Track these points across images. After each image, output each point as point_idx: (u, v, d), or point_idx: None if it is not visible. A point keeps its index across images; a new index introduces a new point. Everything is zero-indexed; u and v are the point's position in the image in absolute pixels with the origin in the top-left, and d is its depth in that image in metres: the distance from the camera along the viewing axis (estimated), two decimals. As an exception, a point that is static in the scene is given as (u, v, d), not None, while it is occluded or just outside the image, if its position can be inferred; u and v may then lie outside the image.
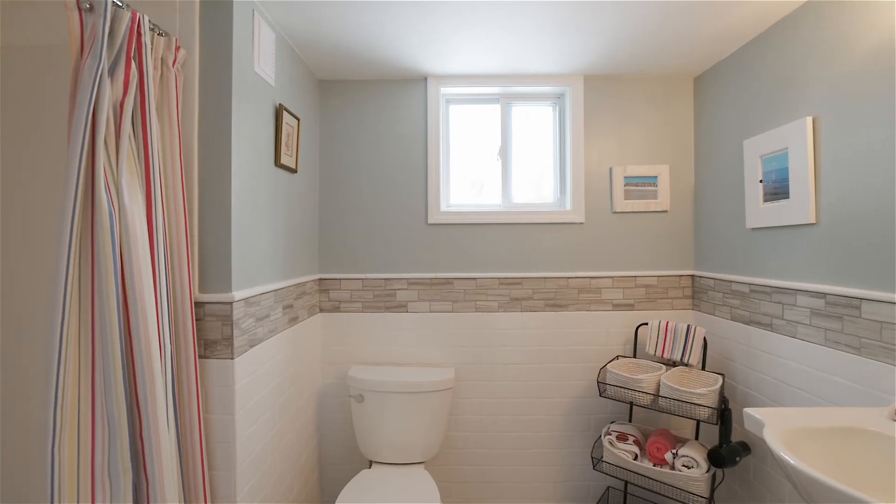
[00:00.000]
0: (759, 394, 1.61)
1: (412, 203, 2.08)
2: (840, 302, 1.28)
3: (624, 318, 2.06)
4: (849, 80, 1.27)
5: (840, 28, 1.30)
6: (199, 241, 1.26)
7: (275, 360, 1.55)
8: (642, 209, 2.07)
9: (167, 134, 1.18)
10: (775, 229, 1.54)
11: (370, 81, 2.08)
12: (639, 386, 1.71)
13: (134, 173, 1.07)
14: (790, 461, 0.91)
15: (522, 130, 2.20)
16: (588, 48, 1.77)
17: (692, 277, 2.07)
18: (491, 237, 2.08)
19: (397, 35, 1.65)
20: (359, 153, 2.09)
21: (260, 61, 1.41)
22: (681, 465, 1.62)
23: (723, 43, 1.72)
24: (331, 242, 2.09)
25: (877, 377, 1.18)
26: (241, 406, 1.29)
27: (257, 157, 1.44)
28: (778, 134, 1.49)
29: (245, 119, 1.35)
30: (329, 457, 2.09)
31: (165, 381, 1.11)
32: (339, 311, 2.08)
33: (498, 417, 2.08)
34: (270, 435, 1.50)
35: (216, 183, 1.27)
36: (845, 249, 1.28)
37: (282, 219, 1.63)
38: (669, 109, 2.08)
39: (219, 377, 1.25)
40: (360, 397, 1.86)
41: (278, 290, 1.58)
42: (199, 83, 1.26)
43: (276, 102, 1.56)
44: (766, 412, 1.10)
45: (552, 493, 2.08)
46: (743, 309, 1.70)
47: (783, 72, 1.51)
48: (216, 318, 1.25)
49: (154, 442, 1.05)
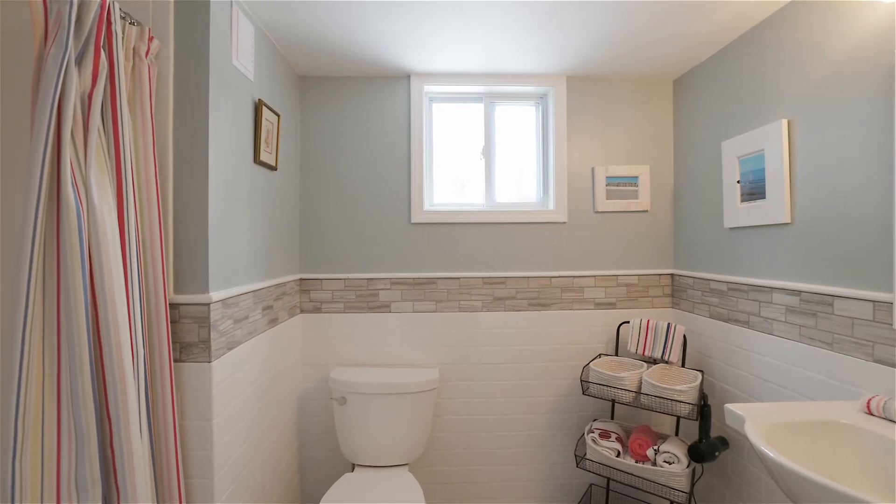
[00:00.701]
0: (736, 389, 1.65)
1: (395, 202, 2.06)
2: (814, 299, 1.32)
3: (606, 316, 2.09)
4: (821, 84, 1.31)
5: (813, 34, 1.34)
6: (175, 241, 1.21)
7: (254, 362, 1.50)
8: (624, 209, 2.09)
9: (140, 128, 1.13)
10: (752, 229, 1.58)
11: (352, 78, 2.05)
12: (621, 384, 1.72)
13: (104, 168, 1.02)
14: (770, 455, 0.93)
15: (506, 130, 2.20)
16: (571, 48, 1.78)
17: (672, 276, 2.11)
18: (474, 237, 2.08)
19: (380, 31, 1.63)
20: (340, 151, 2.05)
21: (239, 55, 1.36)
22: (662, 461, 1.64)
23: (701, 47, 1.76)
24: (312, 242, 2.04)
25: (849, 372, 1.21)
26: (219, 411, 1.25)
27: (236, 153, 1.39)
28: (754, 136, 1.53)
29: (223, 114, 1.30)
30: (310, 461, 2.04)
31: (138, 386, 1.06)
32: (321, 312, 2.03)
33: (482, 417, 2.07)
34: (250, 440, 1.45)
35: (192, 179, 1.22)
36: (819, 248, 1.32)
37: (261, 217, 1.59)
38: (650, 111, 2.11)
39: (195, 382, 1.20)
40: (343, 399, 1.83)
41: (257, 290, 1.53)
42: (175, 76, 1.21)
43: (255, 97, 1.52)
44: (746, 408, 1.12)
45: (536, 492, 2.09)
46: (721, 307, 1.74)
47: (759, 75, 1.55)
48: (192, 320, 1.20)
49: (126, 451, 1.00)
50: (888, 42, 1.12)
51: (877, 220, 1.15)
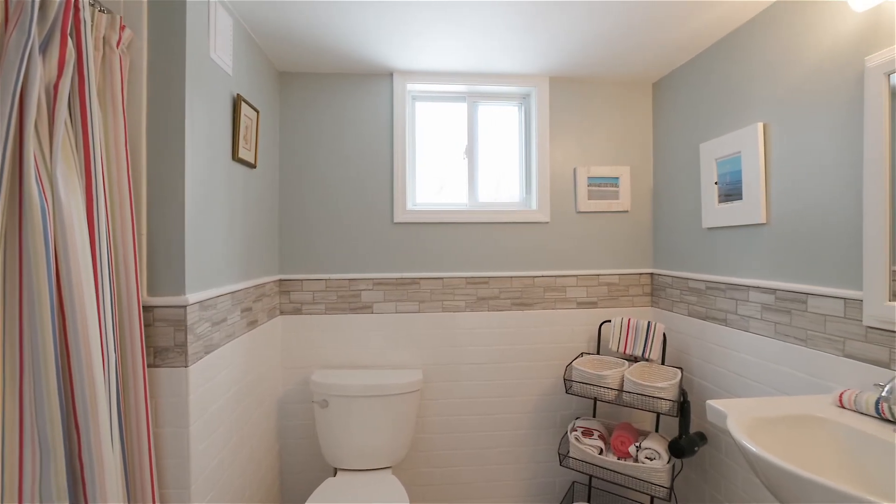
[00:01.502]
0: (714, 385, 1.69)
1: (377, 201, 2.03)
2: (788, 297, 1.37)
3: (587, 315, 2.11)
4: (795, 89, 1.35)
5: (787, 41, 1.38)
6: (149, 240, 1.16)
7: (232, 366, 1.45)
8: (605, 209, 2.12)
9: (111, 121, 1.07)
10: (729, 229, 1.62)
11: (333, 75, 2.01)
12: (604, 382, 1.74)
13: (71, 163, 0.96)
14: (752, 449, 0.95)
15: (489, 130, 2.20)
16: (554, 49, 1.79)
17: (651, 275, 2.15)
18: (457, 236, 2.07)
19: (362, 28, 1.60)
20: (321, 149, 2.01)
21: (216, 48, 1.31)
22: (644, 458, 1.67)
23: (679, 51, 1.79)
24: (292, 242, 1.99)
25: (821, 366, 1.26)
26: (196, 418, 1.20)
27: (213, 149, 1.34)
28: (731, 138, 1.57)
29: (200, 108, 1.25)
30: (292, 466, 1.99)
31: (109, 393, 1.01)
32: (301, 314, 1.99)
33: (466, 418, 2.06)
34: (228, 447, 1.40)
35: (168, 176, 1.17)
36: (793, 248, 1.36)
37: (240, 216, 1.54)
38: (630, 113, 2.15)
39: (171, 387, 1.15)
40: (325, 403, 1.79)
41: (236, 292, 1.48)
42: (148, 67, 1.16)
43: (233, 93, 1.47)
44: (727, 404, 1.15)
45: (520, 491, 2.10)
46: (699, 305, 1.78)
47: (735, 80, 1.59)
48: (168, 324, 1.15)
49: (96, 461, 0.94)
50: (858, 50, 1.16)
51: (847, 221, 1.20)
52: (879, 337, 1.12)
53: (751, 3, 1.44)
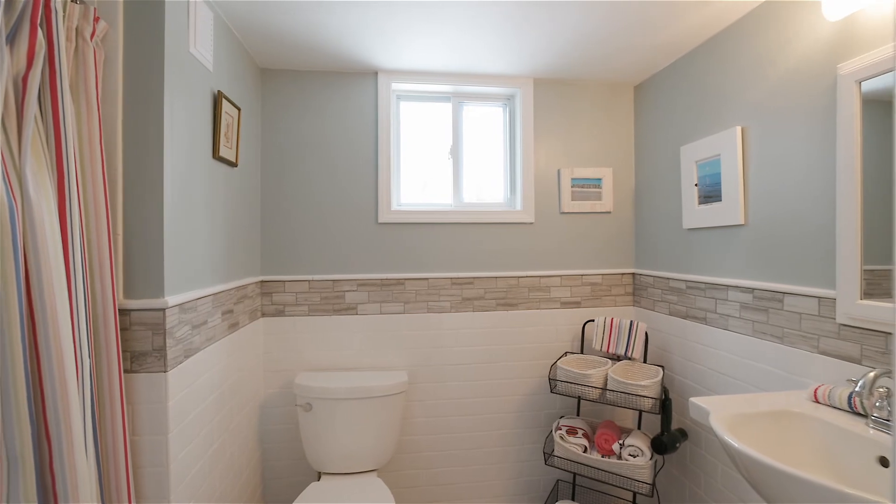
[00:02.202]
0: (695, 383, 1.73)
1: (362, 201, 2.01)
2: (766, 296, 1.41)
3: (571, 315, 2.13)
4: (772, 94, 1.40)
5: (765, 48, 1.42)
6: (125, 241, 1.11)
7: (213, 370, 1.41)
8: (588, 210, 2.15)
9: (84, 117, 1.03)
10: (709, 230, 1.66)
11: (317, 73, 1.98)
12: (588, 381, 1.76)
13: (42, 160, 0.92)
14: (734, 444, 0.98)
15: (474, 130, 2.20)
16: (540, 50, 1.80)
17: (633, 275, 2.18)
18: (442, 237, 2.06)
19: (346, 26, 1.58)
20: (304, 148, 1.97)
21: (196, 42, 1.27)
22: (627, 455, 1.70)
23: (660, 55, 1.83)
24: (274, 242, 1.95)
25: (797, 363, 1.30)
26: (176, 425, 1.16)
27: (193, 147, 1.30)
28: (711, 141, 1.61)
29: (179, 105, 1.21)
30: (274, 471, 1.95)
31: (83, 401, 0.96)
32: (284, 316, 1.95)
33: (451, 419, 2.06)
34: (209, 454, 1.36)
35: (146, 175, 1.13)
36: (770, 248, 1.41)
37: (220, 216, 1.50)
38: (612, 115, 2.18)
39: (149, 393, 1.11)
40: (308, 406, 1.76)
41: (217, 293, 1.44)
42: (124, 61, 1.11)
43: (214, 89, 1.43)
44: (709, 401, 1.17)
45: (505, 491, 2.10)
46: (680, 304, 1.82)
47: (715, 84, 1.64)
48: (145, 327, 1.11)
49: (68, 473, 0.90)
50: (831, 58, 1.21)
51: (821, 223, 1.24)
52: (851, 334, 1.16)
53: (729, 11, 1.48)
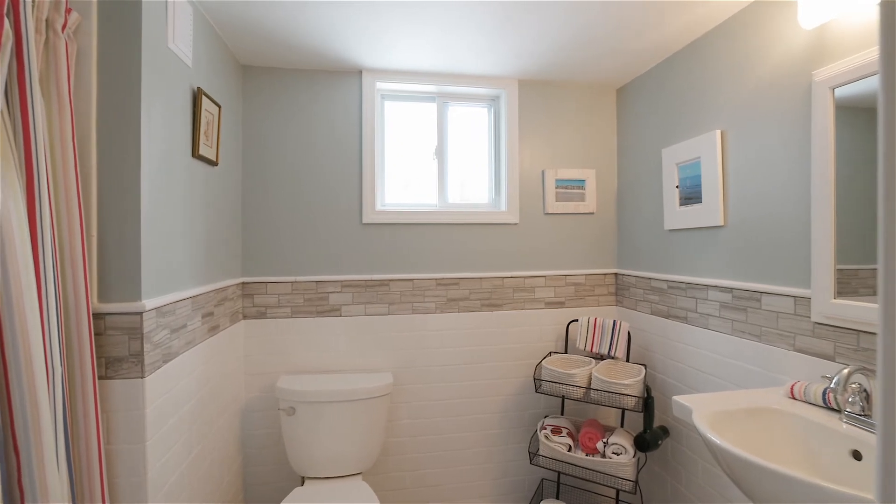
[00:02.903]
0: (676, 381, 1.77)
1: (346, 201, 1.98)
2: (744, 295, 1.45)
3: (555, 315, 2.15)
4: (750, 99, 1.43)
5: (744, 53, 1.46)
6: (99, 242, 1.07)
7: (193, 375, 1.37)
8: (572, 211, 2.17)
9: (55, 112, 0.98)
10: (690, 231, 1.70)
11: (300, 70, 1.94)
12: (573, 380, 1.78)
13: (9, 158, 0.87)
14: (716, 441, 1.00)
15: (459, 131, 2.20)
16: (525, 52, 1.81)
17: (615, 275, 2.22)
18: (427, 237, 2.05)
19: (330, 24, 1.55)
20: (287, 147, 1.94)
21: (175, 37, 1.23)
22: (611, 453, 1.72)
23: (642, 59, 1.86)
24: (255, 243, 1.91)
25: (774, 361, 1.34)
26: (154, 432, 1.12)
27: (172, 145, 1.26)
28: (691, 144, 1.65)
29: (157, 101, 1.17)
30: (256, 477, 1.91)
31: (54, 410, 0.92)
32: (266, 318, 1.91)
33: (436, 420, 2.05)
34: (188, 461, 1.32)
35: (122, 174, 1.08)
36: (748, 249, 1.44)
37: (200, 216, 1.45)
38: (595, 117, 2.21)
39: (125, 400, 1.07)
40: (291, 410, 1.73)
41: (196, 296, 1.40)
42: (98, 55, 1.07)
43: (193, 86, 1.38)
44: (691, 399, 1.20)
45: (490, 491, 2.11)
46: (661, 304, 1.86)
47: (695, 88, 1.67)
48: (121, 332, 1.07)
49: (38, 487, 0.86)
50: (807, 65, 1.24)
51: (797, 225, 1.28)
52: (825, 332, 1.20)
53: (709, 17, 1.52)
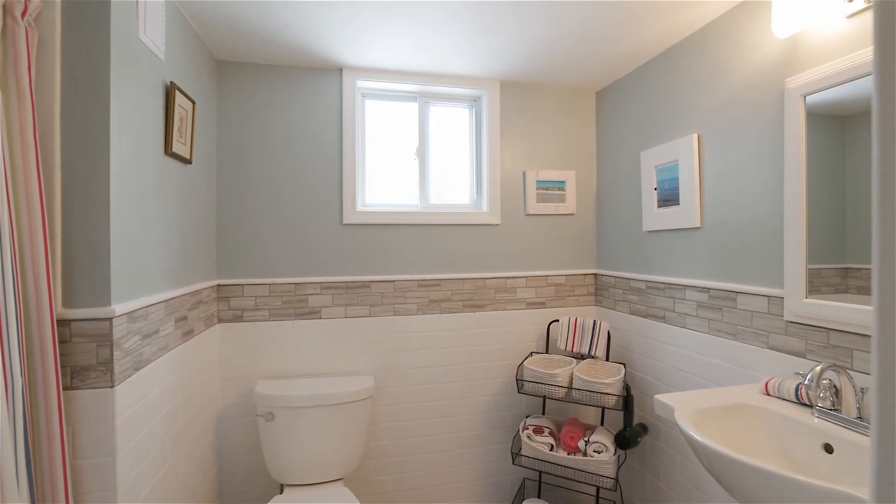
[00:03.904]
0: (654, 379, 1.81)
1: (326, 201, 1.94)
2: (720, 295, 1.49)
3: (536, 315, 2.17)
4: (726, 104, 1.48)
5: (720, 60, 1.50)
6: (64, 244, 1.00)
7: (166, 383, 1.31)
8: (552, 212, 2.19)
9: (14, 105, 0.92)
10: (668, 232, 1.74)
11: (278, 67, 1.89)
12: (555, 380, 1.80)
13: (-37, 153, 0.81)
14: (698, 439, 1.03)
15: (440, 131, 2.19)
16: (508, 53, 1.81)
17: (595, 276, 2.25)
18: (409, 238, 2.03)
19: (310, 19, 1.51)
20: (264, 146, 1.88)
21: (146, 28, 1.17)
22: (592, 451, 1.74)
23: (622, 63, 1.89)
24: (231, 244, 1.85)
25: (749, 358, 1.38)
26: (124, 444, 1.06)
27: (144, 142, 1.20)
28: (669, 147, 1.69)
29: (127, 95, 1.11)
30: (233, 485, 1.84)
31: (14, 424, 0.86)
32: (242, 321, 1.85)
33: (418, 422, 2.03)
34: (161, 473, 1.26)
35: (90, 171, 1.02)
36: (724, 250, 1.49)
37: (174, 216, 1.39)
38: (575, 119, 2.23)
39: (93, 412, 1.01)
40: (270, 415, 1.67)
41: (170, 299, 1.34)
42: (63, 44, 1.01)
43: (166, 80, 1.32)
44: (672, 398, 1.22)
45: (472, 492, 2.10)
46: (640, 304, 1.90)
47: (673, 93, 1.71)
48: (89, 339, 1.01)
49: (-2, 506, 0.80)
50: (780, 72, 1.29)
51: (770, 226, 1.32)
52: (797, 330, 1.25)
53: (686, 24, 1.55)
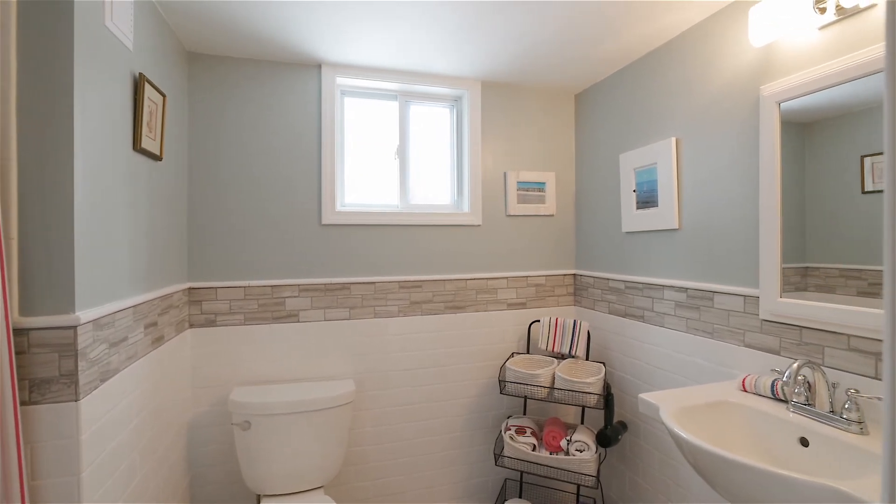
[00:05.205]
0: (634, 378, 1.84)
1: (304, 201, 1.88)
2: (698, 295, 1.53)
3: (517, 316, 2.17)
4: (704, 109, 1.52)
5: (698, 65, 1.54)
6: (21, 247, 0.93)
7: (135, 393, 1.23)
8: (532, 213, 2.20)
9: (-35, 94, 0.84)
10: (646, 233, 1.77)
11: (254, 61, 1.82)
12: (537, 381, 1.80)
13: None
14: (683, 436, 1.05)
15: (420, 131, 2.16)
16: (490, 53, 1.81)
17: (574, 276, 2.28)
18: (389, 239, 2.00)
19: (288, 12, 1.46)
20: (239, 142, 1.81)
21: (113, 15, 1.10)
22: (574, 450, 1.76)
23: (600, 67, 1.92)
24: (204, 245, 1.77)
25: (726, 356, 1.43)
26: (90, 461, 0.99)
27: (110, 136, 1.12)
28: (648, 150, 1.72)
29: (92, 84, 1.03)
30: (206, 497, 1.76)
31: (-34, 444, 0.78)
32: (215, 326, 1.77)
33: (400, 426, 2.00)
34: (130, 488, 1.19)
35: (51, 168, 0.95)
36: (702, 251, 1.53)
37: (143, 215, 1.31)
38: (555, 121, 2.26)
39: (55, 428, 0.93)
40: (246, 424, 1.61)
41: (139, 305, 1.26)
42: (19, 28, 0.93)
43: (135, 71, 1.25)
44: (656, 396, 1.25)
45: (454, 494, 2.09)
46: (619, 303, 1.93)
47: (652, 97, 1.75)
48: (50, 349, 0.93)
49: (-53, 535, 0.73)
50: (756, 79, 1.33)
51: (746, 228, 1.37)
52: (772, 328, 1.29)
53: (665, 30, 1.59)
